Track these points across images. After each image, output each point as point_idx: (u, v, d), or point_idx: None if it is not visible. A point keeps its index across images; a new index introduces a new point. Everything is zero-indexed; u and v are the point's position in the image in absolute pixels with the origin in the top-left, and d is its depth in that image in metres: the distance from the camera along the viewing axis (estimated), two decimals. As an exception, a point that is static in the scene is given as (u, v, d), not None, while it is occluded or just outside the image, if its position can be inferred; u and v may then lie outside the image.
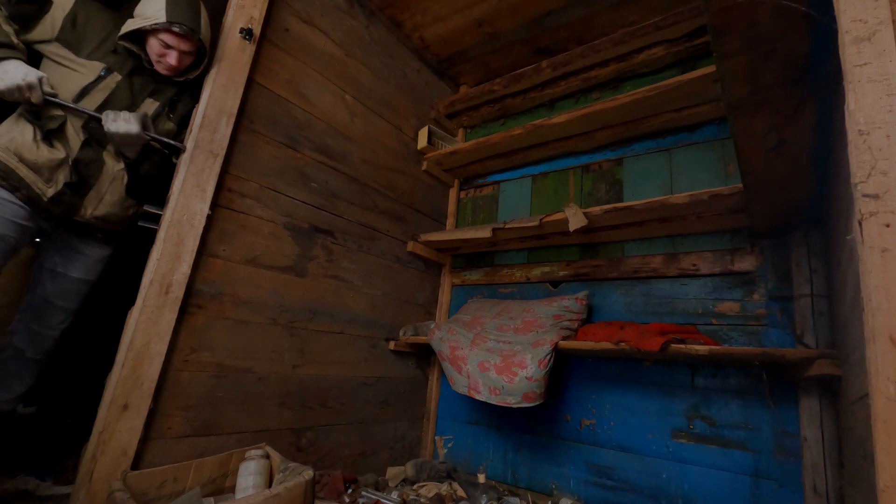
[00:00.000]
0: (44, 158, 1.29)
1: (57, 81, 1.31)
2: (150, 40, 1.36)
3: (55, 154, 1.31)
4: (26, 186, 1.29)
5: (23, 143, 1.28)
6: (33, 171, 1.30)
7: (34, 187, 1.30)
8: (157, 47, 1.35)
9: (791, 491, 1.36)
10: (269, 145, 1.60)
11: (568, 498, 1.69)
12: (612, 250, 1.92)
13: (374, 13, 2.09)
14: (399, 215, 2.14)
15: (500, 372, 1.56)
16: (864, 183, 0.64)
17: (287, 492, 1.00)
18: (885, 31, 0.66)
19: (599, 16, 2.02)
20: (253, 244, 1.53)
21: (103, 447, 1.15)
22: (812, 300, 1.41)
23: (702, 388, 1.58)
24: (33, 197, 1.30)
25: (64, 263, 1.46)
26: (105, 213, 1.43)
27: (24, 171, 1.29)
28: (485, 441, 2.03)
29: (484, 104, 2.40)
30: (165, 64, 1.37)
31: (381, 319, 2.00)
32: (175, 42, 1.34)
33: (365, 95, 2.00)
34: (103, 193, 1.41)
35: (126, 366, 1.19)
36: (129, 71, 1.40)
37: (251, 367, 1.50)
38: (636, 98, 1.70)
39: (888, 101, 0.64)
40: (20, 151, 1.28)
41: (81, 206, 1.39)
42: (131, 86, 1.40)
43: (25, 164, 1.28)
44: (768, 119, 0.99)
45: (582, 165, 2.11)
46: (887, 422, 0.58)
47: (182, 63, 1.38)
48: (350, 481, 1.62)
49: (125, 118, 1.30)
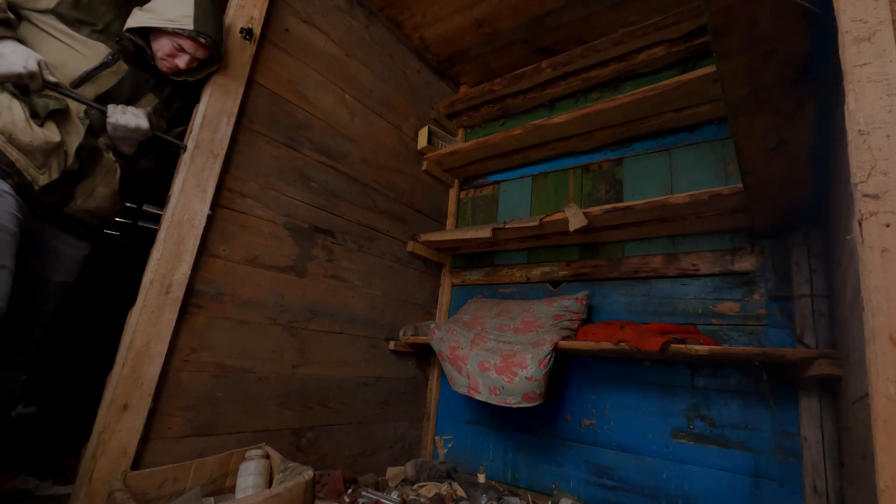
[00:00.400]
0: (39, 140, 1.14)
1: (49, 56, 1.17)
2: (162, 38, 1.29)
3: (51, 136, 1.16)
4: (17, 172, 1.13)
5: (13, 122, 1.11)
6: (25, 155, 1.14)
7: (25, 173, 1.14)
8: (168, 47, 1.29)
9: (791, 491, 1.36)
10: (270, 145, 1.60)
11: (568, 498, 1.69)
12: (612, 250, 1.92)
13: (374, 13, 2.09)
14: (399, 215, 2.14)
15: (500, 372, 1.56)
16: (864, 183, 0.64)
17: (287, 492, 1.00)
18: (885, 31, 0.66)
19: (599, 16, 2.02)
20: (253, 244, 1.53)
21: (103, 447, 1.15)
22: (812, 300, 1.41)
23: (702, 388, 1.58)
24: (24, 184, 1.15)
25: (43, 268, 1.32)
26: (95, 207, 1.32)
27: (14, 155, 1.12)
28: (485, 441, 2.03)
29: (484, 104, 2.40)
30: (170, 64, 1.31)
31: (381, 319, 2.00)
32: (193, 49, 1.30)
33: (365, 95, 2.00)
34: (96, 185, 1.30)
35: (126, 366, 1.19)
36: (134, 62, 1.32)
37: (251, 367, 1.50)
38: (636, 98, 1.70)
39: (888, 101, 0.64)
40: (11, 132, 1.11)
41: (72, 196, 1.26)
42: (135, 78, 1.33)
43: (16, 146, 1.13)
44: (768, 119, 0.99)
45: (582, 165, 2.11)
46: (887, 422, 0.58)
47: (189, 66, 1.33)
48: (350, 481, 1.62)
49: (134, 113, 1.24)
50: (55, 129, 1.18)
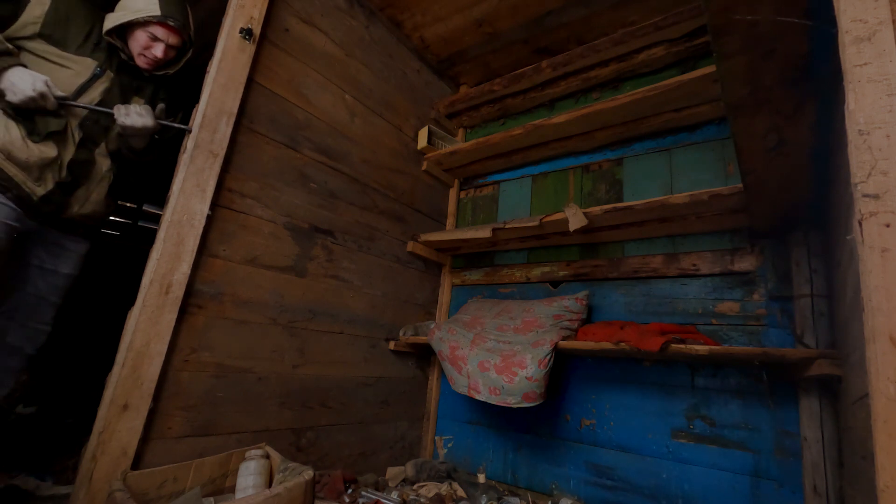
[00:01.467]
0: (35, 157, 1.26)
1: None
2: (136, 33, 1.36)
3: (47, 152, 1.29)
4: (16, 186, 1.27)
5: (11, 141, 1.24)
6: (22, 170, 1.26)
7: (24, 186, 1.28)
8: (143, 40, 1.36)
9: (791, 491, 1.36)
10: (269, 145, 1.60)
11: (568, 498, 1.69)
12: (612, 250, 1.92)
13: (374, 13, 2.09)
14: (399, 215, 2.14)
15: (500, 372, 1.56)
16: (864, 183, 0.64)
17: (287, 492, 1.00)
18: (885, 31, 0.66)
19: (599, 16, 2.02)
20: (253, 244, 1.53)
21: (103, 447, 1.14)
22: (812, 300, 1.41)
23: (702, 388, 1.58)
24: (23, 196, 1.28)
25: (52, 260, 1.46)
26: (91, 211, 1.46)
27: (12, 171, 1.25)
28: (485, 441, 2.03)
29: (484, 104, 2.40)
30: (149, 57, 1.38)
31: (381, 319, 2.00)
32: (165, 35, 1.37)
33: (365, 95, 2.00)
34: (91, 192, 1.44)
35: (126, 366, 1.19)
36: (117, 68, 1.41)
37: (251, 367, 1.50)
38: (636, 98, 1.70)
39: (888, 101, 0.64)
40: (9, 150, 1.24)
41: (69, 204, 1.39)
42: (121, 84, 1.42)
43: (14, 162, 1.25)
44: (768, 119, 0.99)
45: (582, 165, 2.11)
46: (887, 422, 0.58)
47: (167, 56, 1.40)
48: (350, 481, 1.62)
49: (137, 112, 1.32)
50: (52, 145, 1.30)
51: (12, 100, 1.19)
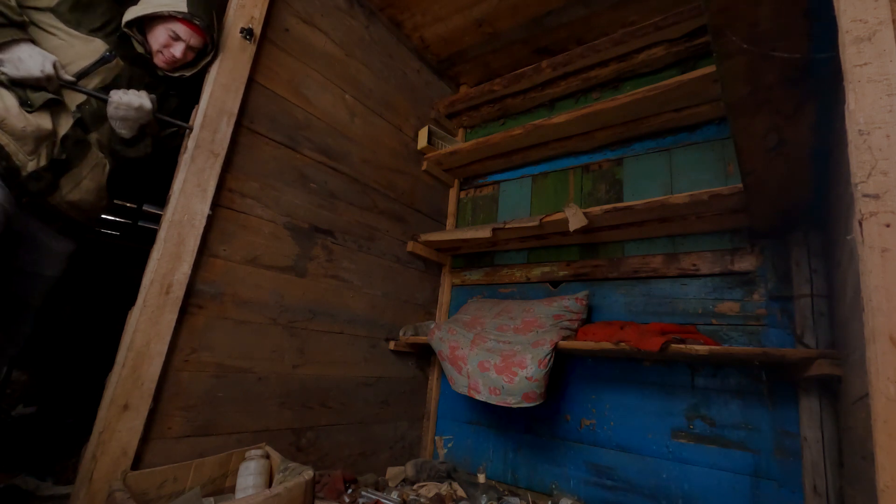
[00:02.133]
0: (32, 127, 1.17)
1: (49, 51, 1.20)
2: (157, 28, 1.30)
3: (43, 124, 1.19)
4: (6, 156, 1.15)
5: (6, 109, 1.13)
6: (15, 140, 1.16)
7: (14, 158, 1.17)
8: (163, 37, 1.30)
9: (791, 491, 1.36)
10: (269, 145, 1.60)
11: (568, 498, 1.69)
12: (612, 250, 1.92)
13: (374, 13, 2.09)
14: (399, 215, 2.14)
15: (500, 372, 1.56)
16: (864, 183, 0.64)
17: (287, 492, 1.00)
18: (885, 31, 0.66)
19: (599, 16, 2.02)
20: (253, 244, 1.53)
21: (103, 447, 1.14)
22: (812, 300, 1.41)
23: (702, 388, 1.58)
24: (11, 168, 1.17)
25: (34, 262, 1.36)
26: (79, 199, 1.34)
27: (4, 139, 1.14)
28: (485, 441, 2.03)
29: (484, 104, 2.40)
30: (167, 55, 1.32)
31: (381, 319, 2.00)
32: (187, 35, 1.31)
33: (365, 95, 2.00)
34: (82, 177, 1.32)
35: (126, 366, 1.19)
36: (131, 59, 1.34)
37: (251, 367, 1.50)
38: (636, 98, 1.70)
39: (888, 101, 0.64)
40: (4, 117, 1.13)
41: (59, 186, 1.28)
42: (131, 74, 1.35)
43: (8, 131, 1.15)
44: (768, 119, 0.99)
45: (582, 165, 2.11)
46: (887, 422, 0.58)
47: (185, 57, 1.34)
48: (350, 481, 1.62)
49: (136, 93, 1.26)
50: (48, 118, 1.21)
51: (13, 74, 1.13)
